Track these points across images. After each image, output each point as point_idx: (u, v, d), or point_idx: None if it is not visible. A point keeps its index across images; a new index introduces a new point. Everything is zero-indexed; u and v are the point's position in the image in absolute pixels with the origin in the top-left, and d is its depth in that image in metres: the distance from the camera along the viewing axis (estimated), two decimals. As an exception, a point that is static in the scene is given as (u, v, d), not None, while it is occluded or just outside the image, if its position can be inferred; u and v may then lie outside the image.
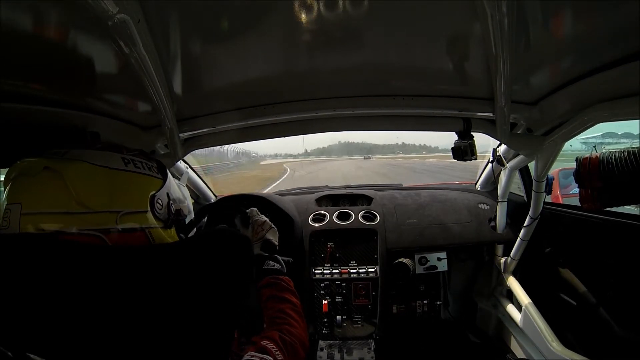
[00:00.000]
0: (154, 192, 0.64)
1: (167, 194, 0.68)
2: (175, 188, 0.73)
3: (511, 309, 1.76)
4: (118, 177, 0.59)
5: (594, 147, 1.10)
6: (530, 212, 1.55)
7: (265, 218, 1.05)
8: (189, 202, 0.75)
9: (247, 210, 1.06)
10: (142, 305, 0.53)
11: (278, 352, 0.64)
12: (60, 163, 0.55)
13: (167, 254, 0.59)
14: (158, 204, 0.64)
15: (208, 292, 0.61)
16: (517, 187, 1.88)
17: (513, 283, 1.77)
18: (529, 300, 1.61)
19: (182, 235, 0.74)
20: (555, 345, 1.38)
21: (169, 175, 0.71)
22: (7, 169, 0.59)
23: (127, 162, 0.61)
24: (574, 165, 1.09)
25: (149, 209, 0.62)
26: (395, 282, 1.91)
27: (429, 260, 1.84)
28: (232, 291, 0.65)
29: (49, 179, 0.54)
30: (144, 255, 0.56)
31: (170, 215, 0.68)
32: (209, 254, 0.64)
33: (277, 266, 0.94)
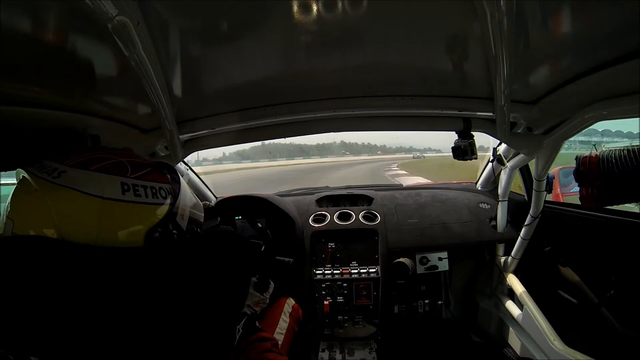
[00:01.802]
0: (151, 225, 0.56)
1: (176, 215, 0.61)
2: (188, 197, 0.67)
3: (512, 308, 1.76)
4: (110, 209, 0.52)
5: (594, 145, 1.09)
6: (531, 211, 1.55)
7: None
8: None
9: (270, 284, 1.15)
10: (142, 306, 0.53)
11: None
12: (49, 190, 0.51)
13: (168, 254, 0.59)
14: (157, 235, 0.57)
15: (209, 292, 0.61)
16: (518, 186, 1.88)
17: (514, 282, 1.77)
18: (531, 299, 1.61)
19: None
20: (557, 344, 1.37)
21: (182, 190, 0.64)
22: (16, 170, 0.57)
23: (127, 189, 0.54)
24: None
25: (142, 245, 0.56)
26: (395, 282, 1.91)
27: (429, 260, 1.84)
28: (232, 292, 0.65)
29: (38, 203, 0.51)
30: (144, 256, 0.56)
31: (182, 233, 0.63)
32: (212, 254, 0.64)
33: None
